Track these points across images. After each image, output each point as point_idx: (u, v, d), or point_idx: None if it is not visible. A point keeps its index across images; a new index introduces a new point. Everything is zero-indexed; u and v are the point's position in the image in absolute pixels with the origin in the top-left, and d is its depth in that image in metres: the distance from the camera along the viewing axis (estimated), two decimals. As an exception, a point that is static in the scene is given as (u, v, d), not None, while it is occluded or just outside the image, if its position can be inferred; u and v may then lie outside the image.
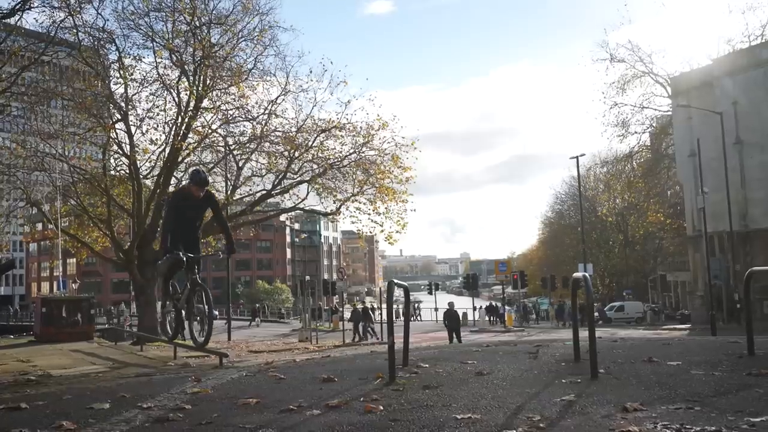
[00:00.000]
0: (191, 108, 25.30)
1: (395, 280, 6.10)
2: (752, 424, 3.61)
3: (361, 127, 26.25)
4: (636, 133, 50.18)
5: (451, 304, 29.51)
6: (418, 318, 59.08)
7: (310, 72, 27.56)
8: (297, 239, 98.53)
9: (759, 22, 67.02)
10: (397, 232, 26.26)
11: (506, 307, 47.96)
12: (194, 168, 7.62)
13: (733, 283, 34.12)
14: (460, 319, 29.80)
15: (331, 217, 30.05)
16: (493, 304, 56.04)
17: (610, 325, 42.05)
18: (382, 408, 4.32)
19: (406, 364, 6.26)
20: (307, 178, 27.13)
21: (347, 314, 38.90)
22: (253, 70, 26.25)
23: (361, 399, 4.68)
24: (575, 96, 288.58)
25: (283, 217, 39.61)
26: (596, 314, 47.09)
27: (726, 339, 8.50)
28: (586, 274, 5.59)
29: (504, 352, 7.38)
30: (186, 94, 25.34)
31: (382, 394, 4.83)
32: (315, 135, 26.66)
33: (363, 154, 26.68)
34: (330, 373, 6.00)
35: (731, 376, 5.14)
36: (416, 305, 63.43)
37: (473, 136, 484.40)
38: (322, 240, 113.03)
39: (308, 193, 27.68)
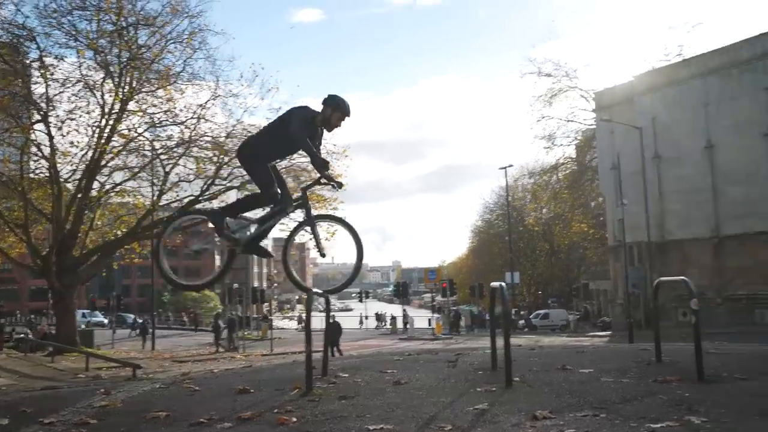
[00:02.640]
0: (116, 110, 24.60)
1: (315, 289, 6.06)
2: (652, 430, 3.73)
3: (292, 134, 26.09)
4: (562, 145, 51.87)
5: (332, 317, 30.11)
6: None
7: (241, 77, 27.26)
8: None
9: (677, 42, 70.34)
10: (325, 239, 26.15)
11: (436, 315, 48.47)
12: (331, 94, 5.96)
13: (650, 292, 35.51)
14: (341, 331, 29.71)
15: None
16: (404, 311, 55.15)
17: (536, 332, 43.04)
18: (295, 420, 4.26)
19: (325, 374, 6.21)
20: (237, 185, 26.80)
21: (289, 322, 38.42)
22: (182, 73, 25.78)
23: (275, 410, 4.61)
24: (503, 107, 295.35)
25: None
26: (522, 322, 48.23)
27: (638, 346, 8.81)
28: (503, 284, 5.69)
29: (425, 361, 7.42)
30: (110, 96, 24.62)
31: (297, 405, 4.77)
32: (245, 141, 26.31)
33: (294, 161, 26.54)
34: (247, 383, 5.89)
35: (638, 383, 5.31)
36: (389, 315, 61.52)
37: (404, 146, 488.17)
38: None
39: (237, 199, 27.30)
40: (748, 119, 33.91)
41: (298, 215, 6.33)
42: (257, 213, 6.25)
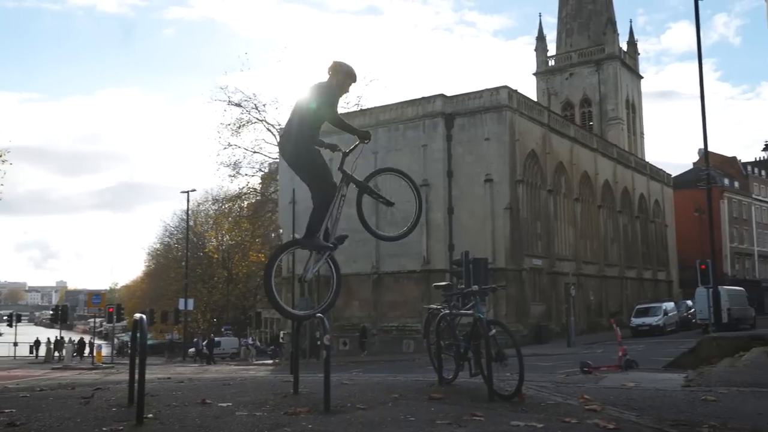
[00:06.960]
0: None
1: None
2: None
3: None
4: (247, 175, 52.81)
5: None
6: None
7: None
8: None
9: (356, 92, 76.42)
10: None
11: (99, 343, 45.06)
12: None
13: (317, 323, 37.67)
14: None
15: None
16: (84, 339, 52.05)
17: (206, 360, 42.48)
18: None
19: None
20: None
21: None
22: None
23: None
24: (189, 130, 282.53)
25: None
26: (194, 350, 47.29)
27: (283, 378, 9.22)
28: (143, 316, 5.53)
29: (56, 397, 6.80)
30: None
31: None
32: None
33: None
34: None
35: (270, 416, 5.51)
36: None
37: (75, 157, 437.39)
38: None
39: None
40: (408, 170, 38.05)
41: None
42: None
